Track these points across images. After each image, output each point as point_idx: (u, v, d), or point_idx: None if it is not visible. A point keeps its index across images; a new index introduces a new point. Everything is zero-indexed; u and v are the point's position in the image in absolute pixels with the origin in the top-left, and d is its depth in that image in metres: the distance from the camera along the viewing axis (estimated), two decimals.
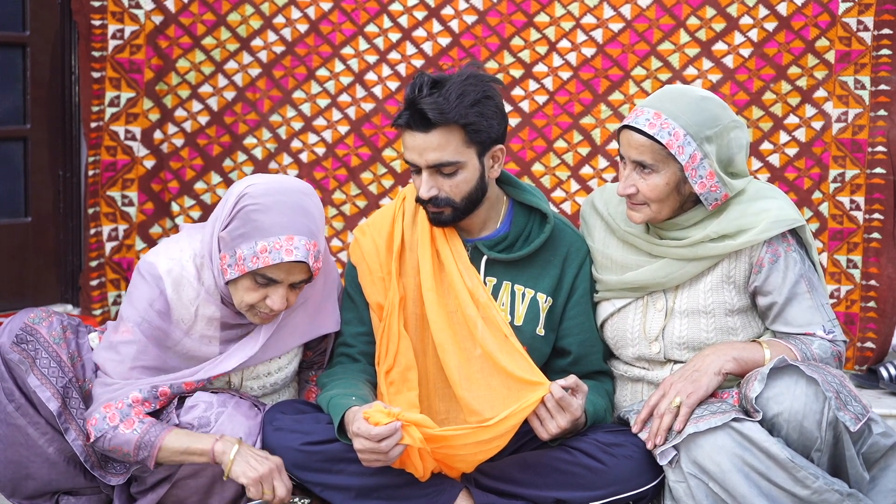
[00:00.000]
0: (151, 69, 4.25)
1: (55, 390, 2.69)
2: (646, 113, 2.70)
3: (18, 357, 2.69)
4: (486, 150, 2.75)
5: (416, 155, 2.70)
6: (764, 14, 3.93)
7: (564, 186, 4.12)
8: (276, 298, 2.65)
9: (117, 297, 4.29)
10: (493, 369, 2.73)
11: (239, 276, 2.65)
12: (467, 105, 2.66)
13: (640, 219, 2.77)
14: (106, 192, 4.26)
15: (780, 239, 2.74)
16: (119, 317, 2.79)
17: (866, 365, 3.87)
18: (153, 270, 2.74)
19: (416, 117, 2.66)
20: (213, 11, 4.22)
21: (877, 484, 2.62)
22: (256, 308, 2.68)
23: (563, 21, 4.07)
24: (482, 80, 2.72)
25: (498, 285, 2.83)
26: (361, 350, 2.86)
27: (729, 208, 2.77)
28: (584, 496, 2.66)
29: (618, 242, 2.89)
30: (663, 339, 2.81)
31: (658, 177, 2.70)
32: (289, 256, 2.60)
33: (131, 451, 2.66)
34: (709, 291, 2.78)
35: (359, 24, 4.19)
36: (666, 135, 2.67)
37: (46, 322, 2.75)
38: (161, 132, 4.27)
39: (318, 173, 4.23)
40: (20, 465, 2.76)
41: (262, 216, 2.62)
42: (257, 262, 2.61)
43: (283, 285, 2.66)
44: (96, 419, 2.68)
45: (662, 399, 2.65)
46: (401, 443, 2.47)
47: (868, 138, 3.85)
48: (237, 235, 2.64)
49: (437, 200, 2.72)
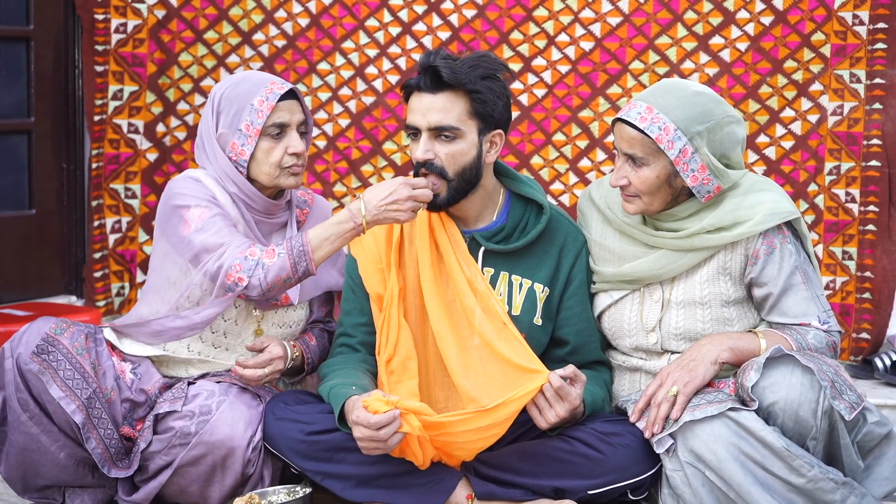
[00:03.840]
0: (154, 63, 4.26)
1: (80, 402, 2.67)
2: (638, 106, 2.71)
3: (38, 367, 2.66)
4: (487, 130, 2.76)
5: (420, 116, 2.73)
6: (760, 8, 3.94)
7: (563, 179, 4.14)
8: (294, 142, 2.84)
9: (120, 289, 4.32)
10: (491, 357, 2.74)
11: (255, 143, 2.81)
12: (478, 76, 2.72)
13: (633, 210, 2.78)
14: (109, 185, 4.28)
15: (775, 231, 2.75)
16: (168, 219, 2.81)
17: (861, 356, 3.89)
18: (191, 172, 2.88)
19: (427, 77, 2.71)
20: (215, 5, 4.24)
21: (871, 472, 2.63)
22: (284, 165, 2.84)
23: (561, 15, 4.09)
24: (495, 60, 2.78)
25: (495, 276, 2.84)
26: (362, 340, 2.87)
27: (724, 201, 2.77)
28: (582, 485, 2.66)
29: (615, 233, 2.90)
30: (660, 330, 2.82)
31: (649, 170, 2.72)
32: (281, 90, 2.83)
33: (290, 269, 2.71)
34: (705, 283, 2.79)
35: (359, 19, 4.20)
36: (656, 129, 2.68)
37: (69, 332, 2.73)
38: (164, 125, 4.29)
39: (320, 166, 4.25)
40: (31, 467, 2.77)
41: (239, 88, 2.84)
42: (262, 116, 2.80)
43: (293, 127, 2.85)
44: (239, 265, 2.69)
45: (660, 388, 2.65)
46: (399, 430, 2.48)
47: (863, 131, 3.86)
48: (231, 117, 2.82)
49: (432, 165, 2.73)
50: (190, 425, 2.69)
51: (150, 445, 2.73)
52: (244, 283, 2.69)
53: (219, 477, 2.70)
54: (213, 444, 2.68)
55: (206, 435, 2.67)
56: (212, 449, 2.68)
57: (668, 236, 2.79)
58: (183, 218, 2.77)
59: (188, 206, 2.77)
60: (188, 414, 2.70)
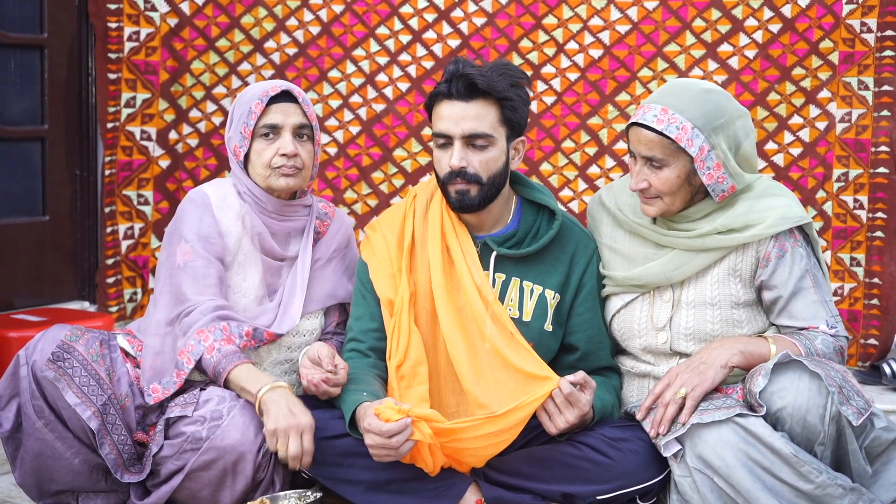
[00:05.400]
0: (166, 71, 4.28)
1: (96, 409, 2.69)
2: (653, 109, 2.72)
3: (54, 375, 2.67)
4: (514, 136, 2.80)
5: (452, 124, 2.74)
6: (769, 16, 3.94)
7: (572, 186, 4.15)
8: (285, 143, 2.87)
9: (133, 295, 4.33)
10: (500, 364, 2.74)
11: (250, 144, 2.88)
12: (508, 84, 2.75)
13: (653, 212, 2.79)
14: (122, 192, 4.30)
15: (787, 235, 2.76)
16: (169, 241, 2.89)
17: (869, 361, 3.89)
18: (199, 192, 2.93)
19: (459, 85, 2.72)
20: (227, 14, 4.26)
21: (879, 478, 2.62)
22: (273, 165, 2.88)
23: (570, 23, 4.10)
24: (518, 69, 2.82)
25: (507, 281, 2.85)
26: (371, 346, 2.86)
27: (737, 203, 2.78)
28: (591, 490, 2.66)
29: (625, 235, 2.91)
30: (670, 330, 2.82)
31: (669, 170, 2.73)
32: (274, 91, 2.88)
33: (210, 373, 2.75)
34: (716, 284, 2.80)
35: (370, 27, 4.22)
36: (675, 129, 2.69)
37: (84, 339, 2.75)
38: (176, 132, 4.31)
39: (330, 173, 4.27)
40: (45, 473, 2.78)
41: (247, 94, 2.93)
42: (255, 117, 2.87)
43: (287, 130, 2.88)
44: (192, 345, 2.74)
45: (668, 388, 2.65)
46: (411, 438, 2.49)
47: (871, 138, 3.87)
48: (236, 121, 2.91)
49: (466, 174, 2.75)
50: (201, 430, 2.69)
51: (161, 450, 2.74)
52: (191, 363, 2.75)
53: (230, 482, 2.70)
54: (224, 448, 2.67)
55: (217, 440, 2.67)
56: (223, 454, 2.68)
57: (681, 235, 2.80)
58: (175, 248, 2.86)
59: (182, 240, 2.85)
60: (199, 419, 2.70)
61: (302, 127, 2.91)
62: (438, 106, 2.77)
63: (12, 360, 2.76)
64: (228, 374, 2.69)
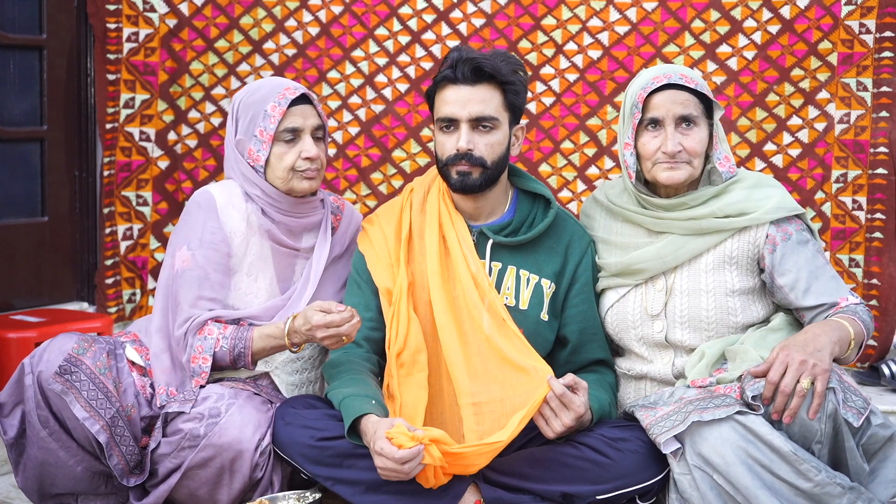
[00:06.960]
0: (165, 71, 4.28)
1: (104, 422, 2.70)
2: (674, 75, 2.83)
3: (61, 388, 2.68)
4: (515, 122, 2.87)
5: (459, 107, 2.79)
6: (767, 17, 3.95)
7: (571, 187, 4.15)
8: (307, 146, 2.88)
9: (132, 296, 4.33)
10: (490, 354, 2.77)
11: (269, 149, 2.86)
12: (510, 70, 2.81)
13: (681, 177, 2.82)
14: (121, 192, 4.30)
15: (787, 220, 2.82)
16: (172, 244, 2.91)
17: (868, 362, 3.89)
18: (205, 194, 2.92)
19: (465, 69, 2.78)
20: (226, 14, 4.26)
21: (877, 475, 2.63)
22: (297, 168, 2.88)
23: (569, 24, 4.11)
24: (516, 57, 2.89)
25: (503, 270, 2.87)
26: (365, 335, 2.88)
27: (732, 191, 2.85)
28: (590, 490, 2.67)
29: (620, 225, 2.94)
30: (665, 318, 2.85)
31: (699, 130, 2.82)
32: (293, 95, 2.88)
33: (229, 362, 2.79)
34: (710, 271, 2.83)
35: (369, 28, 4.22)
36: (705, 87, 2.84)
37: (91, 351, 2.75)
38: (175, 133, 4.31)
39: (329, 174, 4.27)
40: (47, 479, 2.80)
41: (255, 95, 2.89)
42: (275, 121, 2.85)
43: (307, 132, 2.90)
44: (201, 346, 2.78)
45: (786, 374, 2.53)
46: (421, 462, 2.51)
47: (870, 139, 3.87)
48: (247, 124, 2.88)
49: (472, 157, 2.79)
50: (199, 427, 2.71)
51: (159, 447, 2.75)
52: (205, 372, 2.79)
53: (227, 480, 2.72)
54: (222, 446, 2.69)
55: (215, 437, 2.69)
56: (220, 451, 2.70)
57: (677, 217, 2.84)
58: (176, 253, 2.87)
59: (182, 246, 2.86)
60: (197, 416, 2.72)
61: (318, 128, 2.93)
62: (443, 91, 2.82)
63: (17, 368, 2.76)
64: (251, 349, 2.76)
